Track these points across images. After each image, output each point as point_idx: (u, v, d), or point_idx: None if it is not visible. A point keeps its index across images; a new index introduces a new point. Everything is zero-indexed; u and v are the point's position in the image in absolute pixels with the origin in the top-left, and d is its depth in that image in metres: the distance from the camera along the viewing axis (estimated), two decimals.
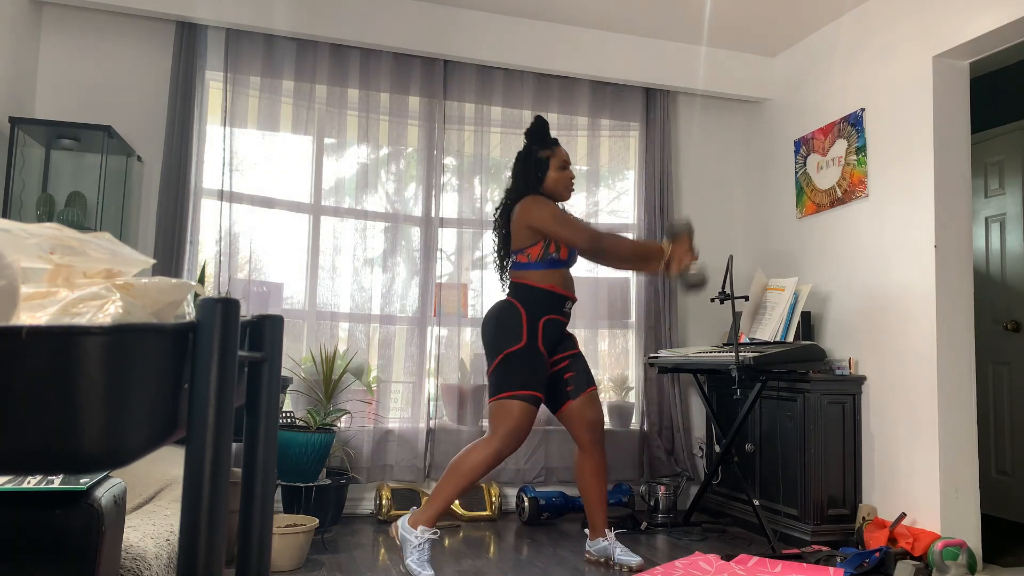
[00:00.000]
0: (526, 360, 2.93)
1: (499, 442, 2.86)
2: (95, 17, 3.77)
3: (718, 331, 4.65)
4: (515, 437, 2.87)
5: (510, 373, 2.91)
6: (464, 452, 2.88)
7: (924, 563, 3.08)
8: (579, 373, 3.09)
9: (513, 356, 2.92)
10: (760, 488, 3.82)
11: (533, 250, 3.03)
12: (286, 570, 2.88)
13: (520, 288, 3.04)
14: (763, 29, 4.26)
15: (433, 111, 4.19)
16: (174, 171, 3.69)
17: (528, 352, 2.94)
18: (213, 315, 0.60)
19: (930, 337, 3.36)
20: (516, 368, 2.91)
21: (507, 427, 2.87)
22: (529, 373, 2.92)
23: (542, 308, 3.01)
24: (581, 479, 3.12)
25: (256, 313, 0.85)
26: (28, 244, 0.63)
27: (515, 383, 2.90)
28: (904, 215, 3.55)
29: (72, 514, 1.13)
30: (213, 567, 0.59)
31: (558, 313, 3.04)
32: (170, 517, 1.77)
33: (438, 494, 2.85)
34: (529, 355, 2.94)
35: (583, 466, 3.10)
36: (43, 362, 0.50)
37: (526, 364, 2.92)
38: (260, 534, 0.81)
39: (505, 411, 2.88)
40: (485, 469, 2.85)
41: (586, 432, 3.06)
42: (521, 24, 4.24)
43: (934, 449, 3.29)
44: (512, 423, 2.87)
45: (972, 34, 3.25)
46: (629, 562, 3.04)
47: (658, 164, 4.48)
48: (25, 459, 0.51)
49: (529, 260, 3.04)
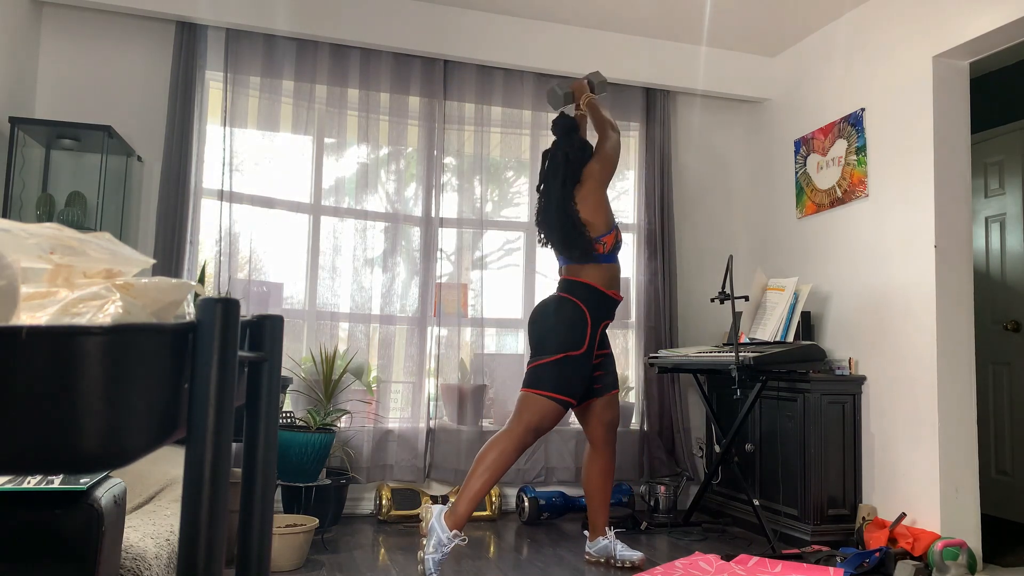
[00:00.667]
0: (581, 367, 2.94)
1: (522, 432, 2.88)
2: (95, 17, 3.77)
3: (718, 331, 4.65)
4: (537, 433, 2.91)
5: (561, 375, 2.92)
6: (488, 445, 2.88)
7: (924, 563, 3.08)
8: (608, 374, 3.11)
9: (571, 360, 2.92)
10: (760, 488, 3.82)
11: (608, 239, 3.01)
12: (286, 570, 2.88)
13: (582, 288, 3.00)
14: (763, 29, 4.26)
15: (433, 111, 4.19)
16: (174, 171, 3.69)
17: (585, 359, 2.95)
18: (213, 315, 0.60)
19: (930, 337, 3.36)
20: (568, 373, 2.92)
21: (533, 422, 2.89)
22: (577, 380, 2.94)
23: (603, 312, 3.02)
24: (589, 478, 3.12)
25: (256, 313, 0.85)
26: (28, 244, 0.63)
27: (561, 386, 2.91)
28: (904, 215, 3.55)
29: (72, 514, 1.13)
30: (213, 567, 0.59)
31: (611, 317, 3.08)
32: (170, 517, 1.77)
33: (469, 491, 2.82)
34: (584, 362, 2.95)
35: (592, 465, 3.11)
36: (43, 362, 0.50)
37: (578, 371, 2.94)
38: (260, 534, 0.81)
39: (538, 406, 2.90)
40: (511, 459, 2.86)
41: (603, 431, 3.08)
42: (521, 24, 4.24)
43: (934, 449, 3.29)
44: (538, 419, 2.89)
45: (972, 34, 3.25)
46: (631, 557, 3.04)
47: (658, 164, 4.48)
48: (25, 459, 0.51)
49: (604, 250, 3.01)
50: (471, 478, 2.83)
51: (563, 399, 2.90)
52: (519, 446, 2.86)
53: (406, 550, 3.27)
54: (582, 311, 2.96)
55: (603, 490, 3.11)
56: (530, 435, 2.88)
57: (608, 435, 3.08)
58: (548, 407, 2.89)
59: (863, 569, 3.04)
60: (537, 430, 2.89)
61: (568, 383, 2.91)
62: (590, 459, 3.11)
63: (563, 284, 3.05)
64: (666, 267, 4.41)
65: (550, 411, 2.89)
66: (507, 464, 2.85)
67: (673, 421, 4.34)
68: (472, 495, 2.80)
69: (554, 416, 2.90)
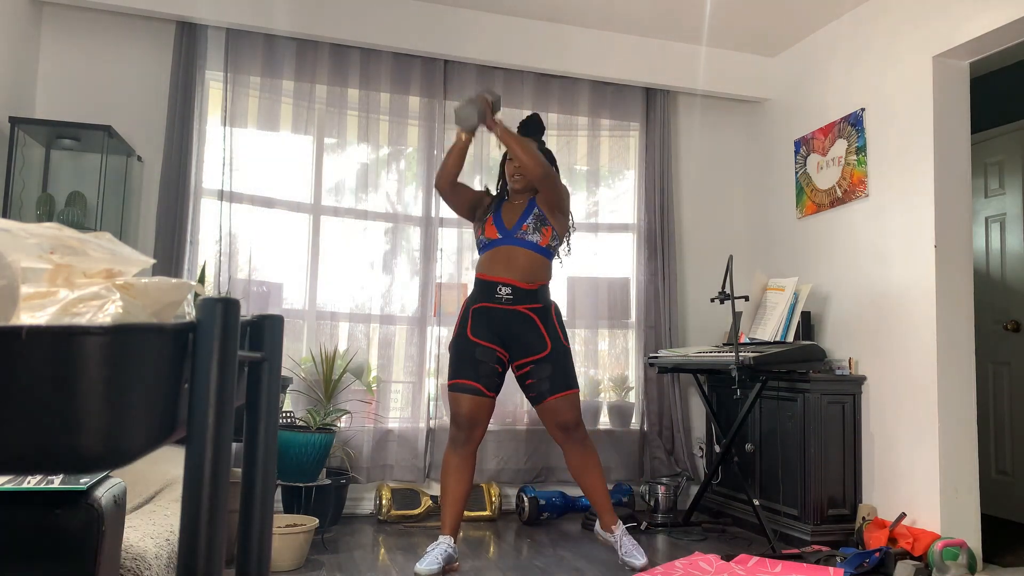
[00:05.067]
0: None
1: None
2: (95, 17, 3.77)
3: (718, 331, 4.64)
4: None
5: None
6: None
7: (924, 563, 3.08)
8: (540, 381, 3.10)
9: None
10: (760, 488, 3.82)
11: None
12: (286, 570, 2.89)
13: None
14: (763, 29, 4.26)
15: (433, 111, 4.19)
16: (174, 171, 3.68)
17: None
18: (213, 315, 0.60)
19: (930, 337, 3.36)
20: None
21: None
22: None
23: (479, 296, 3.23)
24: (573, 475, 3.13)
25: (256, 313, 0.85)
26: (28, 244, 0.63)
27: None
28: (904, 215, 3.55)
29: (72, 514, 1.13)
30: (213, 567, 0.59)
31: (491, 301, 3.20)
32: (170, 517, 1.77)
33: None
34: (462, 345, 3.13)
35: (569, 462, 3.11)
36: (43, 362, 0.50)
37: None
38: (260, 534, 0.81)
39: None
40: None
41: (558, 433, 3.07)
42: (521, 24, 4.23)
43: (934, 449, 3.29)
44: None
45: (972, 34, 3.25)
46: (633, 563, 3.01)
47: (658, 164, 4.48)
48: (25, 459, 0.51)
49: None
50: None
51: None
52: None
53: (406, 550, 3.27)
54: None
55: (589, 484, 3.08)
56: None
57: (566, 434, 3.05)
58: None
59: (863, 569, 3.03)
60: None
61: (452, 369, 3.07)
62: (565, 458, 3.13)
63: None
64: (666, 267, 4.41)
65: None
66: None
67: (673, 421, 4.34)
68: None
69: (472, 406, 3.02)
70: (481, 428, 3.01)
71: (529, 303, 3.02)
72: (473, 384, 2.98)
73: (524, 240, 3.02)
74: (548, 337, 3.03)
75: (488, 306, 3.02)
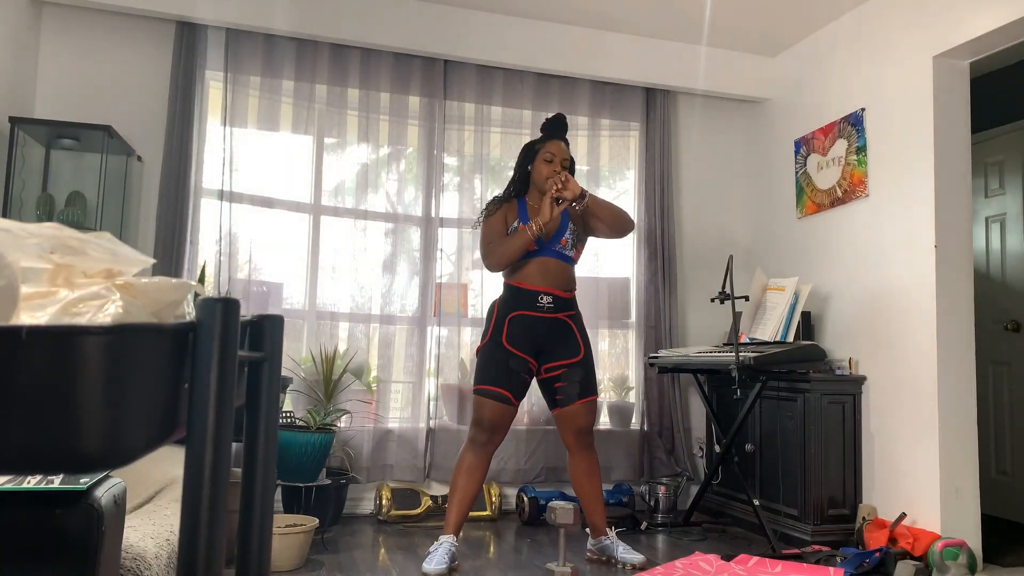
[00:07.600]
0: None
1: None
2: (95, 17, 3.77)
3: (718, 331, 4.64)
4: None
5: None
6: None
7: (924, 563, 3.08)
8: (570, 384, 3.16)
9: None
10: (760, 488, 3.82)
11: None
12: (286, 570, 2.88)
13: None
14: (763, 29, 4.26)
15: (433, 111, 4.19)
16: (174, 171, 3.68)
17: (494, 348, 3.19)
18: (213, 315, 0.60)
19: (930, 337, 3.36)
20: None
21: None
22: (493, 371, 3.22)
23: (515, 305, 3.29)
24: (575, 481, 3.14)
25: (256, 313, 0.85)
26: (28, 244, 0.63)
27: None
28: (904, 215, 3.55)
29: (72, 514, 1.13)
30: (213, 567, 0.59)
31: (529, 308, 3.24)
32: (170, 517, 1.77)
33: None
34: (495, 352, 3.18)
35: (575, 469, 3.14)
36: (43, 362, 0.50)
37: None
38: (260, 534, 0.81)
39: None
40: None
41: (573, 438, 3.11)
42: (521, 24, 4.23)
43: (934, 449, 3.29)
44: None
45: (972, 34, 3.25)
46: (632, 560, 3.03)
47: (658, 164, 4.48)
48: (25, 459, 0.51)
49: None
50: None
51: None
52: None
53: (406, 550, 3.27)
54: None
55: (592, 490, 3.11)
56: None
57: (580, 439, 3.09)
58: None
59: (863, 569, 3.03)
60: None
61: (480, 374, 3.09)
62: (572, 463, 3.14)
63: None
64: (666, 267, 4.41)
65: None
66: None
67: (673, 421, 4.34)
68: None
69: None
70: (502, 433, 3.05)
71: (567, 311, 3.14)
72: (503, 392, 3.01)
73: (561, 254, 3.12)
74: (582, 342, 3.14)
75: (527, 314, 3.07)
